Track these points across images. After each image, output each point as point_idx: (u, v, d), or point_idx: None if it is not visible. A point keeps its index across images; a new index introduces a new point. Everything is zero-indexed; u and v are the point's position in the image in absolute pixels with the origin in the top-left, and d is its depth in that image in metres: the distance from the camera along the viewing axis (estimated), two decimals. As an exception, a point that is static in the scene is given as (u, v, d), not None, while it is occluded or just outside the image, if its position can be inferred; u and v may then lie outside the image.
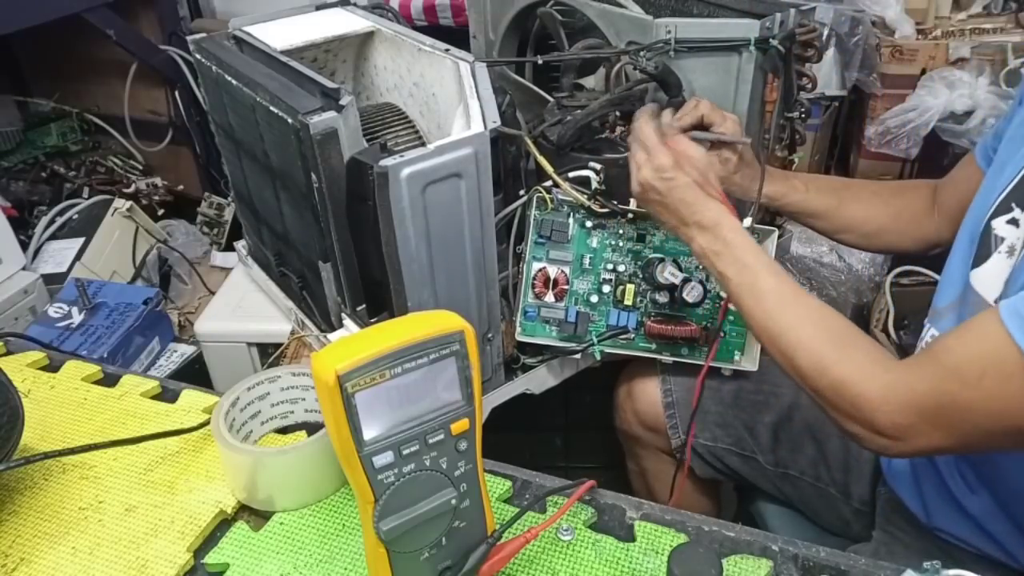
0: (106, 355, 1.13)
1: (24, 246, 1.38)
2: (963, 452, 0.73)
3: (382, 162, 0.75)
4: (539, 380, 1.03)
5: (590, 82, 1.18)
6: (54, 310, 1.21)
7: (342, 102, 0.78)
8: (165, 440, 0.73)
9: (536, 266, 0.95)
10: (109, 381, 0.84)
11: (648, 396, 1.07)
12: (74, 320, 1.19)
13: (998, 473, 0.75)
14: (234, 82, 0.92)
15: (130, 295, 1.25)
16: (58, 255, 1.40)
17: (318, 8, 1.11)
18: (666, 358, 1.00)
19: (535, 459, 1.00)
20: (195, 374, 1.22)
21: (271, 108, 0.84)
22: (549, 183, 0.92)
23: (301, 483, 0.67)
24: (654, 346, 1.00)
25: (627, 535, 0.64)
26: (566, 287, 0.96)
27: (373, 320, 0.91)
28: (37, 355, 0.87)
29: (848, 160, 1.69)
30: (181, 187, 1.87)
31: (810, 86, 1.01)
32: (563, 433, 1.72)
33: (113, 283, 1.36)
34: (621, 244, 0.96)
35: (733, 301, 0.79)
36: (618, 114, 0.97)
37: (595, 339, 0.97)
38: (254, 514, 0.68)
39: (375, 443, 0.50)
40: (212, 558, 0.63)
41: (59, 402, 0.80)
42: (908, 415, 0.64)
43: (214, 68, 0.97)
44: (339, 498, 0.68)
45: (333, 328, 0.93)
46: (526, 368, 1.02)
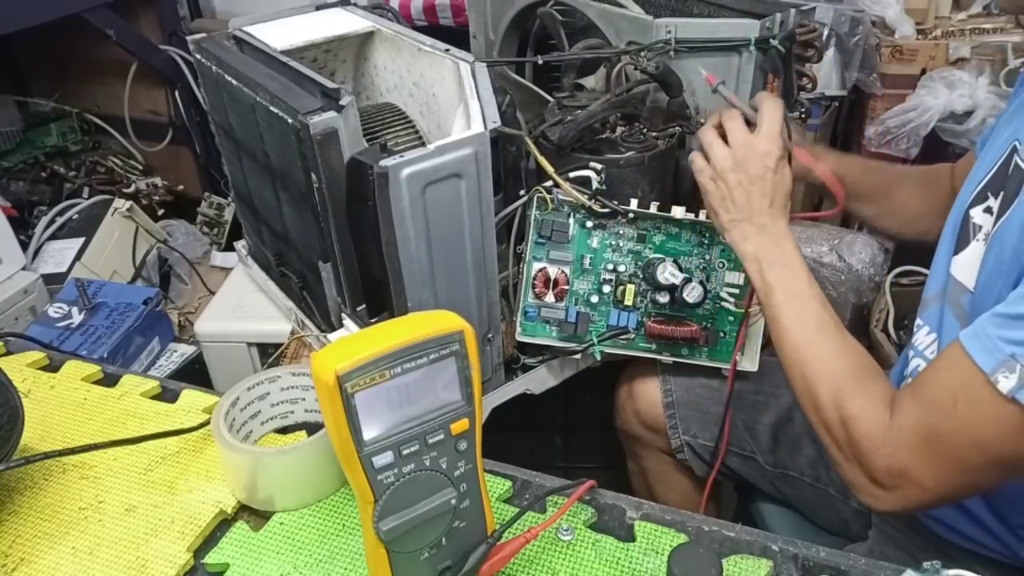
0: (106, 355, 1.13)
1: (24, 246, 1.38)
2: (957, 498, 0.72)
3: (382, 162, 0.75)
4: (539, 380, 1.03)
5: (590, 82, 1.18)
6: (54, 310, 1.21)
7: (342, 102, 0.78)
8: (165, 440, 0.73)
9: (536, 266, 0.95)
10: (109, 381, 0.84)
11: (648, 396, 1.07)
12: (74, 320, 1.19)
13: None
14: (234, 82, 0.92)
15: (130, 295, 1.25)
16: (58, 255, 1.40)
17: (318, 8, 1.11)
18: (666, 358, 1.00)
19: (535, 459, 1.00)
20: (195, 374, 1.22)
21: (271, 108, 0.84)
22: (549, 183, 0.92)
23: (301, 483, 0.67)
24: (654, 346, 1.00)
25: (627, 535, 0.64)
26: (566, 287, 0.96)
27: (373, 320, 0.91)
28: (37, 355, 0.87)
29: (848, 160, 1.69)
30: (181, 187, 1.87)
31: (810, 86, 1.01)
32: (563, 433, 1.72)
33: (113, 283, 1.36)
34: (621, 244, 0.96)
35: (770, 315, 0.78)
36: (619, 115, 0.97)
37: (595, 339, 0.97)
38: (254, 514, 0.68)
39: (375, 443, 0.50)
40: (212, 558, 0.63)
41: (59, 402, 0.80)
42: (901, 457, 0.64)
43: (214, 68, 0.97)
44: (339, 498, 0.68)
45: (333, 328, 0.93)
46: (526, 368, 1.02)
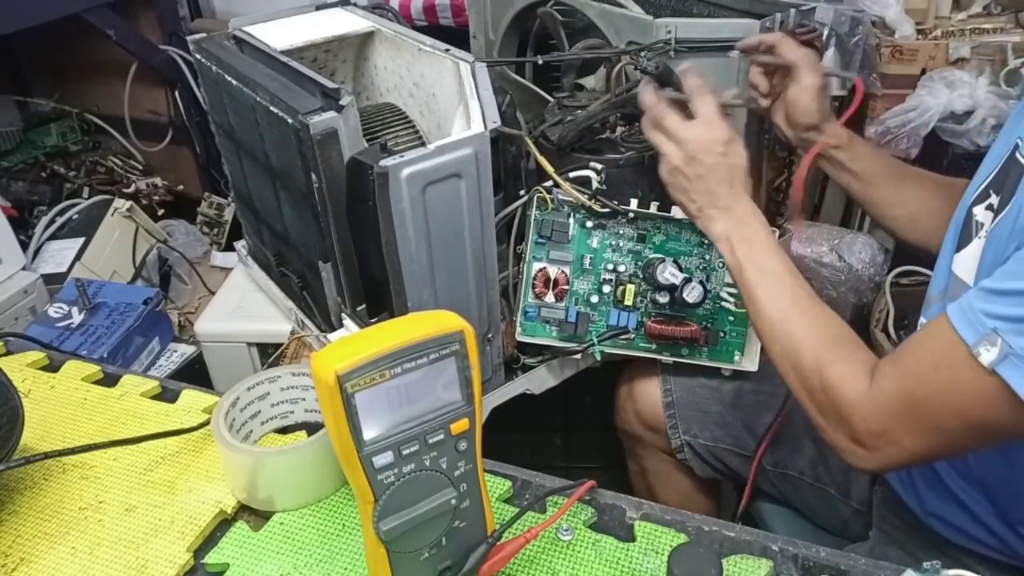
0: (106, 355, 1.13)
1: (24, 246, 1.38)
2: (935, 459, 0.74)
3: (382, 162, 0.75)
4: (539, 380, 1.03)
5: (590, 82, 1.18)
6: (54, 310, 1.21)
7: (342, 102, 0.78)
8: (165, 440, 0.73)
9: (536, 266, 0.95)
10: (109, 381, 0.84)
11: (649, 396, 1.07)
12: (74, 320, 1.19)
13: (982, 460, 0.77)
14: (234, 82, 0.92)
15: (130, 295, 1.25)
16: (58, 255, 1.40)
17: (318, 8, 1.11)
18: (666, 358, 1.00)
19: (535, 459, 1.00)
20: (195, 374, 1.22)
21: (271, 108, 0.84)
22: (549, 183, 0.92)
23: (301, 483, 0.67)
24: (654, 346, 1.00)
25: (627, 535, 0.64)
26: (566, 287, 0.96)
27: (373, 320, 0.91)
28: (37, 355, 0.87)
29: (848, 160, 1.69)
30: (181, 187, 1.87)
31: (810, 86, 1.01)
32: (563, 433, 1.72)
33: (113, 283, 1.36)
34: (621, 244, 0.96)
35: (744, 290, 0.80)
36: (619, 115, 0.97)
37: (595, 339, 0.97)
38: (254, 514, 0.68)
39: (375, 443, 0.50)
40: (212, 558, 0.63)
41: (59, 402, 0.80)
42: (881, 420, 0.67)
43: (214, 68, 0.97)
44: (339, 498, 0.68)
45: (333, 328, 0.93)
46: (526, 368, 1.02)
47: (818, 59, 0.87)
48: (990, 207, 0.72)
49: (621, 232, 0.96)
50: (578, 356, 1.00)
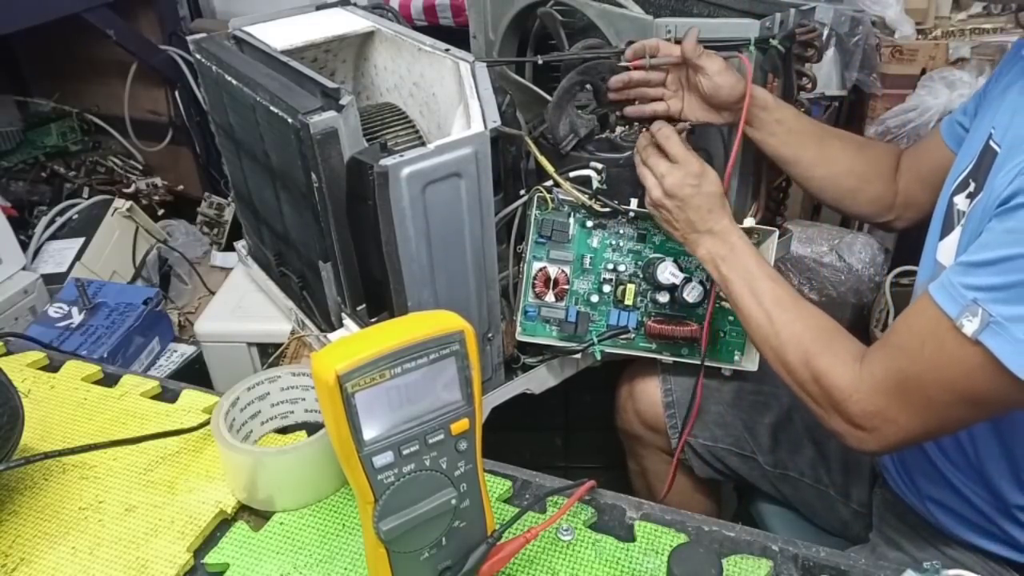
0: (106, 355, 1.13)
1: (24, 246, 1.38)
2: (933, 435, 0.77)
3: (382, 162, 0.75)
4: (539, 380, 1.03)
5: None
6: (54, 310, 1.21)
7: (342, 102, 0.78)
8: (165, 440, 0.73)
9: (536, 266, 0.95)
10: (109, 381, 0.84)
11: (649, 396, 1.07)
12: (74, 320, 1.19)
13: (978, 446, 0.77)
14: (234, 82, 0.92)
15: (130, 295, 1.25)
16: (58, 255, 1.40)
17: (318, 8, 1.11)
18: (666, 358, 1.00)
19: (535, 459, 1.00)
20: (195, 374, 1.22)
21: (271, 108, 0.84)
22: (550, 183, 0.92)
23: (301, 483, 0.67)
24: (654, 346, 1.00)
25: (627, 535, 0.64)
26: (566, 287, 0.96)
27: (373, 320, 0.91)
28: (37, 355, 0.87)
29: (848, 160, 1.69)
30: (181, 187, 1.87)
31: (810, 86, 1.01)
32: (563, 433, 1.72)
33: (113, 283, 1.36)
34: (622, 244, 0.96)
35: (733, 302, 0.84)
36: (618, 114, 0.97)
37: (595, 339, 0.97)
38: (254, 514, 0.68)
39: (375, 443, 0.50)
40: (212, 558, 0.63)
41: (59, 402, 0.80)
42: (875, 401, 0.69)
43: (214, 68, 0.97)
44: (339, 498, 0.68)
45: (333, 328, 0.93)
46: (526, 368, 1.02)
47: (696, 41, 0.89)
48: (970, 195, 0.74)
49: (621, 232, 0.96)
50: (578, 356, 1.00)
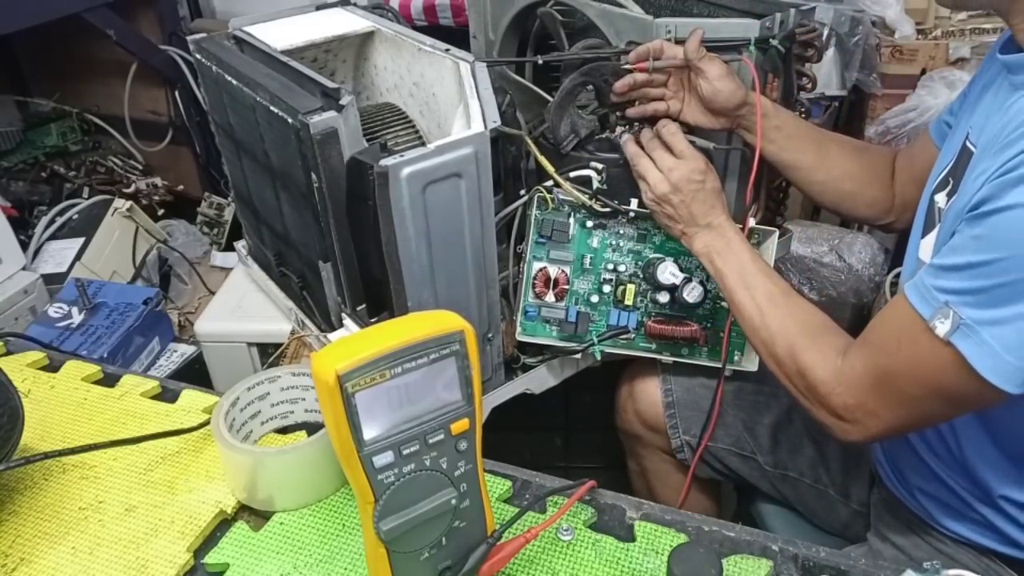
0: (106, 355, 1.13)
1: (24, 246, 1.38)
2: (915, 427, 0.79)
3: (382, 162, 0.75)
4: (539, 380, 1.03)
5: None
6: (54, 310, 1.21)
7: (342, 102, 0.78)
8: (165, 440, 0.73)
9: (536, 266, 0.95)
10: (109, 381, 0.83)
11: (649, 396, 1.07)
12: (74, 320, 1.19)
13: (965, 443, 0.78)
14: (234, 82, 0.92)
15: (130, 295, 1.25)
16: (58, 255, 1.40)
17: (318, 8, 1.11)
18: (666, 358, 1.00)
19: (535, 459, 1.00)
20: (195, 374, 1.22)
21: (271, 108, 0.84)
22: (550, 183, 0.92)
23: (301, 483, 0.67)
24: (654, 346, 1.00)
25: (627, 535, 0.64)
26: (566, 287, 0.96)
27: (373, 320, 0.91)
28: (37, 355, 0.87)
29: (848, 160, 1.69)
30: (181, 187, 1.87)
31: (810, 86, 1.01)
32: (563, 433, 1.72)
33: (113, 283, 1.36)
34: (622, 244, 0.96)
35: (727, 296, 0.86)
36: (619, 114, 0.97)
37: (595, 339, 0.97)
38: (254, 514, 0.68)
39: (375, 443, 0.50)
40: (212, 558, 0.63)
41: (59, 402, 0.80)
42: (855, 395, 0.72)
43: (214, 68, 0.97)
44: (339, 498, 0.68)
45: (333, 328, 0.93)
46: (526, 368, 1.02)
47: (699, 43, 0.88)
48: (949, 193, 0.75)
49: (621, 232, 0.96)
50: (578, 356, 1.00)
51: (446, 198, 0.80)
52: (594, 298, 0.97)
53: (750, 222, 0.94)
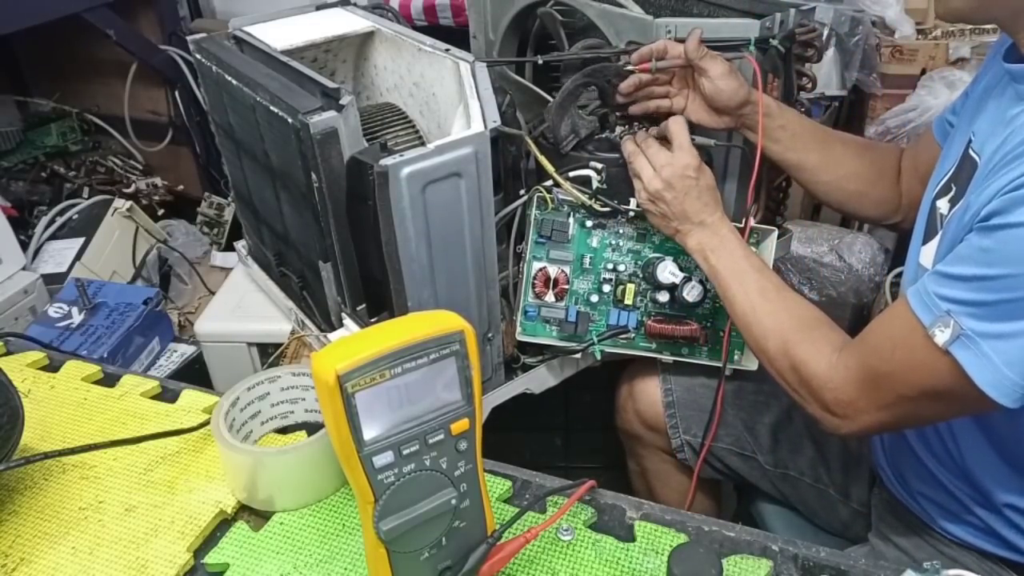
0: (106, 355, 1.13)
1: (24, 246, 1.38)
2: (906, 425, 0.80)
3: (382, 161, 0.75)
4: (539, 380, 1.03)
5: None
6: (54, 310, 1.21)
7: (342, 102, 0.78)
8: (165, 440, 0.73)
9: (536, 266, 0.95)
10: (109, 381, 0.83)
11: (649, 396, 1.07)
12: (74, 320, 1.19)
13: (957, 439, 0.79)
14: (234, 82, 0.92)
15: (130, 295, 1.25)
16: (58, 255, 1.40)
17: (318, 8, 1.11)
18: (666, 358, 1.00)
19: (535, 459, 1.00)
20: (195, 374, 1.22)
21: (271, 108, 0.84)
22: (549, 182, 0.92)
23: (301, 483, 0.67)
24: (654, 346, 1.00)
25: (627, 535, 0.64)
26: (566, 287, 0.96)
27: (373, 320, 0.91)
28: (37, 355, 0.87)
29: (848, 160, 1.69)
30: (181, 187, 1.87)
31: (810, 86, 1.01)
32: (563, 433, 1.72)
33: (113, 283, 1.36)
34: (621, 244, 0.96)
35: (721, 292, 0.87)
36: (619, 114, 0.97)
37: (595, 339, 0.97)
38: (254, 514, 0.68)
39: (375, 443, 0.50)
40: (212, 558, 0.63)
41: (59, 402, 0.80)
42: (847, 392, 0.73)
43: (214, 68, 0.97)
44: (339, 498, 0.68)
45: (333, 328, 0.93)
46: (526, 368, 1.02)
47: (698, 42, 0.88)
48: (951, 200, 0.74)
49: (621, 231, 0.96)
50: (578, 356, 0.99)
51: (446, 198, 0.80)
52: (594, 298, 0.97)
53: (750, 222, 0.94)
